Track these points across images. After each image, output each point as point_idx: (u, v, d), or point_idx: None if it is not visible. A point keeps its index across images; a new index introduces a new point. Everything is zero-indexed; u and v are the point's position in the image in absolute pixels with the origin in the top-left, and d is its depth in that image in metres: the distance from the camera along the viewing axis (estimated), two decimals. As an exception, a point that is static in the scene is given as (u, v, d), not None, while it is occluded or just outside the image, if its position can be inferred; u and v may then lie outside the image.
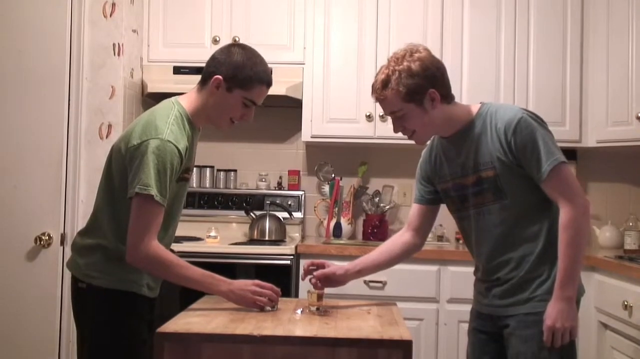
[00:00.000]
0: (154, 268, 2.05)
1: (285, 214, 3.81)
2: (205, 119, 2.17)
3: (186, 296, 2.26)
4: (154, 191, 1.95)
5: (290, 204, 3.91)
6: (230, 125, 2.17)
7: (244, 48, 2.15)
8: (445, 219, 2.50)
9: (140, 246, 1.97)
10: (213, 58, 2.13)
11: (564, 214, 1.98)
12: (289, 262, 3.35)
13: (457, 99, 2.17)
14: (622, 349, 2.90)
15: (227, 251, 3.43)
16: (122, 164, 2.04)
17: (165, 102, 2.14)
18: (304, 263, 2.32)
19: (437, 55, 2.15)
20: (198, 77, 2.17)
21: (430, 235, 3.59)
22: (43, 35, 3.09)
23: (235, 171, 4.07)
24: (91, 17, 3.25)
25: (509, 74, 3.65)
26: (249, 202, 3.92)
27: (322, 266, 2.28)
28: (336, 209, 3.93)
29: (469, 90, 3.60)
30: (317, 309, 2.14)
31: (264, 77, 2.12)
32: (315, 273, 2.23)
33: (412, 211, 2.36)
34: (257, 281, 2.13)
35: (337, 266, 2.28)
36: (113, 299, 2.06)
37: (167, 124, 2.02)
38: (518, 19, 3.65)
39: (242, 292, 2.08)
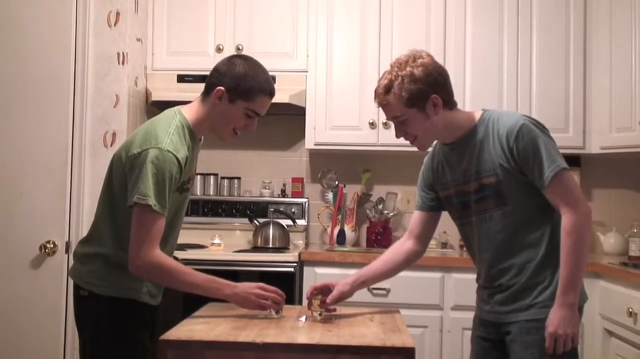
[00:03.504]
0: (158, 277, 2.06)
1: (289, 222, 3.81)
2: (208, 129, 2.17)
3: (189, 304, 2.26)
4: (152, 201, 1.95)
5: (294, 212, 3.92)
6: (233, 136, 2.17)
7: (246, 59, 2.16)
8: (449, 226, 2.50)
9: (142, 256, 1.97)
10: (215, 69, 2.14)
11: (565, 221, 1.98)
12: (292, 269, 3.35)
13: (459, 106, 2.17)
14: (627, 356, 2.88)
15: (231, 258, 3.43)
16: (122, 173, 2.05)
17: (167, 112, 2.14)
18: (307, 291, 2.29)
19: (439, 62, 2.15)
20: (202, 86, 2.18)
21: (434, 242, 3.64)
22: (48, 44, 3.11)
23: (239, 178, 4.08)
24: (96, 26, 3.27)
25: (512, 80, 3.65)
26: (253, 210, 3.92)
27: (326, 287, 2.26)
28: (340, 216, 3.93)
29: (472, 96, 3.61)
30: (320, 314, 2.14)
31: (266, 87, 2.12)
32: (327, 301, 2.19)
33: (414, 218, 2.36)
34: (261, 284, 2.13)
35: (341, 283, 2.26)
36: (114, 306, 2.06)
37: (168, 133, 2.02)
38: (521, 25, 3.66)
39: (246, 295, 2.09)
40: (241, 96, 2.09)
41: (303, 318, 2.14)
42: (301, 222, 3.92)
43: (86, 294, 2.10)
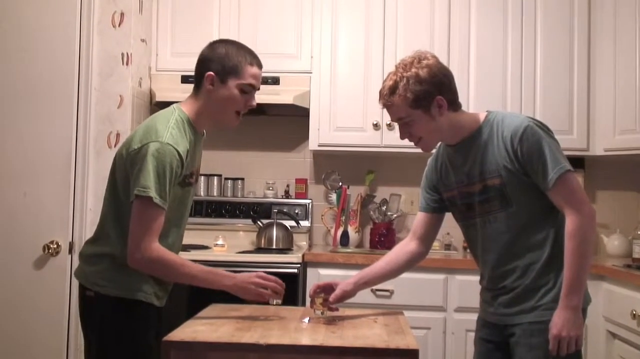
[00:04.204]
0: (156, 270, 2.05)
1: (293, 223, 3.81)
2: (210, 121, 2.18)
3: (193, 305, 2.26)
4: (153, 194, 1.95)
5: (297, 213, 3.92)
6: (237, 119, 2.18)
7: (225, 41, 2.21)
8: (452, 228, 2.50)
9: (142, 249, 1.98)
10: (199, 60, 2.17)
11: (569, 223, 1.98)
12: (296, 270, 3.35)
13: (464, 107, 2.17)
14: (630, 358, 2.88)
15: (234, 259, 3.42)
16: (124, 170, 2.05)
17: (166, 109, 2.16)
18: (309, 290, 2.30)
19: (444, 63, 2.15)
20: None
21: (437, 243, 3.64)
22: (52, 44, 3.12)
23: (242, 179, 4.08)
24: (100, 26, 3.27)
25: (516, 82, 3.65)
26: (257, 211, 3.92)
27: (329, 286, 2.26)
28: (343, 217, 3.93)
29: (476, 98, 3.61)
30: (322, 313, 2.14)
31: (251, 58, 2.15)
32: (330, 300, 2.19)
33: (417, 219, 2.35)
34: (260, 273, 2.14)
35: (344, 283, 2.26)
36: (120, 307, 2.06)
37: (168, 127, 2.03)
38: (525, 27, 3.66)
39: (245, 284, 2.09)
40: (230, 73, 2.11)
41: (306, 319, 2.14)
42: (305, 223, 3.92)
43: (92, 295, 2.09)
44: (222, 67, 2.11)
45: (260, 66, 2.18)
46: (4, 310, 3.06)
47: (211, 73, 2.11)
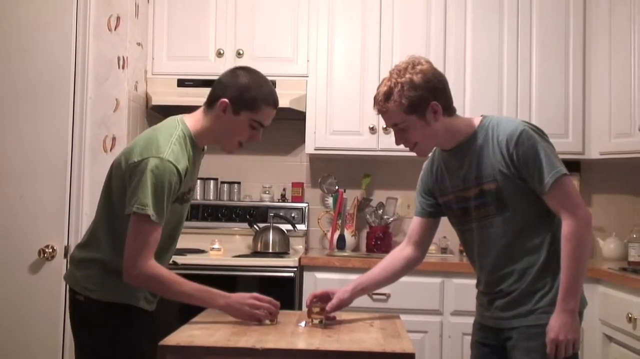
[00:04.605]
0: (152, 287, 2.06)
1: (289, 227, 3.80)
2: (212, 140, 2.17)
3: (187, 310, 2.26)
4: (150, 211, 1.94)
5: (293, 216, 3.91)
6: (238, 148, 2.17)
7: (249, 70, 2.16)
8: (449, 232, 2.50)
9: (137, 266, 1.97)
10: (219, 82, 2.14)
11: (566, 227, 1.98)
12: (292, 274, 3.35)
13: (460, 112, 2.17)
14: (627, 362, 2.88)
15: (231, 263, 3.42)
16: (121, 180, 2.04)
17: (169, 121, 2.14)
18: (306, 299, 2.29)
19: (440, 68, 2.15)
20: (202, 90, 2.18)
21: (434, 247, 3.64)
22: (48, 48, 3.11)
23: (239, 183, 4.08)
24: (96, 30, 3.27)
25: (512, 86, 3.65)
26: (253, 215, 3.92)
27: (325, 295, 2.26)
28: (340, 221, 3.93)
29: (472, 102, 3.62)
30: (320, 322, 2.13)
31: (271, 98, 2.13)
32: (327, 309, 2.18)
33: (413, 224, 2.36)
34: (255, 294, 2.13)
35: (341, 291, 2.26)
36: (110, 312, 2.06)
37: (169, 143, 2.02)
38: (520, 31, 3.66)
39: (239, 306, 2.08)
40: (246, 106, 2.08)
41: (303, 324, 2.14)
42: (301, 227, 3.92)
43: (82, 300, 2.09)
44: (239, 97, 2.08)
45: (276, 106, 2.15)
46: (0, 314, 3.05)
47: (226, 100, 2.08)
